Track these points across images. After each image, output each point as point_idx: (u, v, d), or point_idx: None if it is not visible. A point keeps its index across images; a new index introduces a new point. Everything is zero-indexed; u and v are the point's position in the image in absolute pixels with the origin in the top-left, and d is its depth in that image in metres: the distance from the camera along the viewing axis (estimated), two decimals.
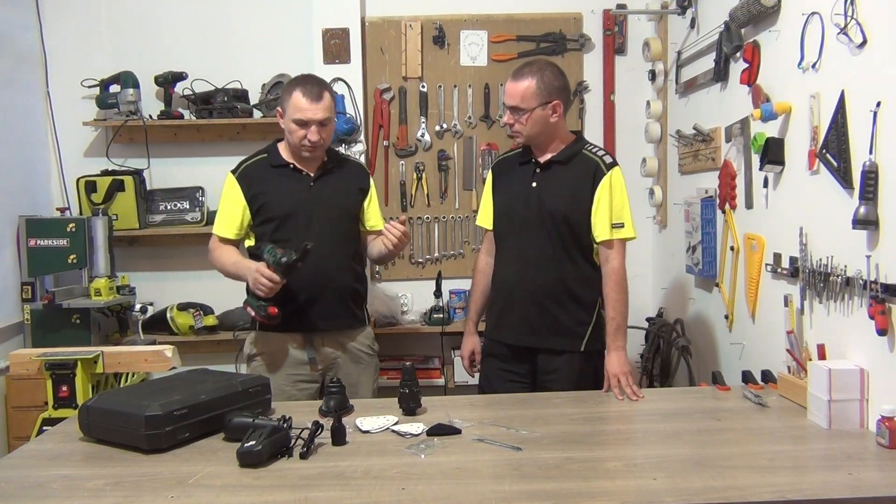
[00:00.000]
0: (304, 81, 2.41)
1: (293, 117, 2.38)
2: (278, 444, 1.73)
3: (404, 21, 3.72)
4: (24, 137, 3.60)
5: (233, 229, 2.48)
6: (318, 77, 2.53)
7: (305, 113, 2.36)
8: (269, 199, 2.45)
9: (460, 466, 1.68)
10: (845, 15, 1.91)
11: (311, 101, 2.36)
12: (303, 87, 2.38)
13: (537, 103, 2.35)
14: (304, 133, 2.38)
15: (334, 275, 2.45)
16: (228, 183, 2.51)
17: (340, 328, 2.50)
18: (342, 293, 2.47)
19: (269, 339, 2.48)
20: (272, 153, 2.53)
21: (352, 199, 2.54)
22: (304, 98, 2.36)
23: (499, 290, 2.54)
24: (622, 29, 3.76)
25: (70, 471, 1.72)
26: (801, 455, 1.75)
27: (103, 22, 3.74)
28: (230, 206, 2.49)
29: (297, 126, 2.38)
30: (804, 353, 2.12)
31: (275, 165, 2.49)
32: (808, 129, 2.12)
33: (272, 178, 2.47)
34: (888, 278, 1.77)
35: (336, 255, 2.46)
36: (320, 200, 2.47)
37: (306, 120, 2.37)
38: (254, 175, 2.49)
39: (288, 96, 2.40)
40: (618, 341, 2.36)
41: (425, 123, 3.77)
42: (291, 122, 2.39)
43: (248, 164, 2.53)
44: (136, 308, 3.44)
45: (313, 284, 2.40)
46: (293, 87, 2.40)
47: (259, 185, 2.47)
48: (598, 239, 2.40)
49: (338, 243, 2.48)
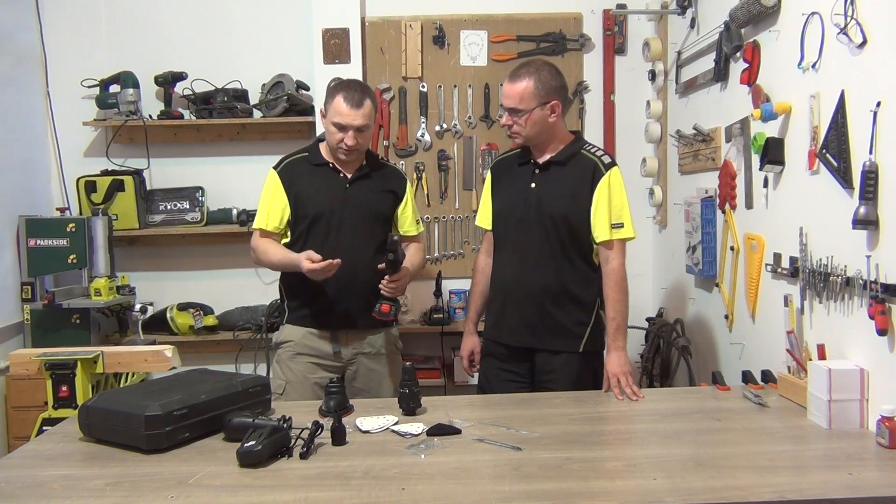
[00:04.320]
0: (348, 87, 2.47)
1: (333, 120, 2.45)
2: (278, 444, 1.73)
3: (404, 21, 3.72)
4: (24, 137, 3.60)
5: (274, 222, 2.54)
6: (363, 84, 2.59)
7: (345, 118, 2.42)
8: (306, 196, 2.53)
9: (460, 466, 1.68)
10: (845, 15, 1.91)
11: (351, 107, 2.42)
12: (346, 92, 2.44)
13: (536, 104, 2.34)
14: (342, 137, 2.45)
15: (362, 275, 2.49)
16: (270, 178, 2.57)
17: (366, 326, 2.56)
18: (369, 293, 2.49)
19: (297, 329, 2.56)
20: (313, 152, 2.60)
21: (385, 202, 2.61)
22: (345, 103, 2.42)
23: (498, 290, 2.54)
24: (622, 29, 3.76)
25: (70, 471, 1.72)
26: (801, 455, 1.75)
27: (103, 22, 3.74)
28: (272, 200, 2.55)
29: (335, 129, 2.45)
30: (804, 353, 2.12)
31: (315, 164, 2.57)
32: (808, 129, 2.12)
33: (311, 176, 2.55)
34: (888, 278, 1.77)
35: (365, 256, 2.51)
36: (354, 201, 2.53)
37: (345, 125, 2.43)
38: (294, 171, 2.57)
39: (331, 99, 2.47)
40: (618, 341, 2.36)
41: (425, 123, 3.77)
42: (331, 125, 2.46)
43: (290, 161, 2.60)
44: (136, 308, 3.44)
45: (342, 283, 2.45)
46: (337, 90, 2.46)
47: (298, 181, 2.55)
48: (597, 239, 2.40)
49: (368, 245, 2.53)
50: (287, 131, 3.73)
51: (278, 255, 2.52)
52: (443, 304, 3.66)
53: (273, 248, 2.54)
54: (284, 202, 2.54)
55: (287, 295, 2.62)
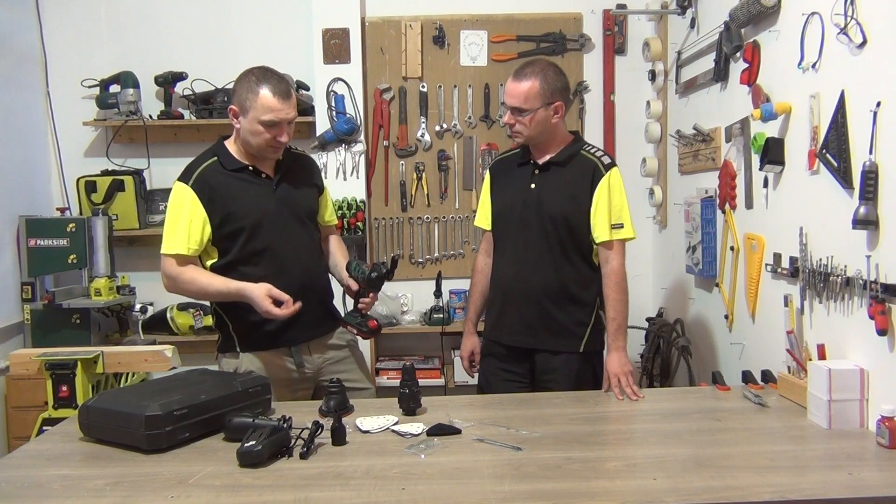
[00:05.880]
0: (269, 78, 2.19)
1: (262, 118, 2.16)
2: (278, 444, 1.73)
3: (404, 21, 3.72)
4: (24, 137, 3.60)
5: (194, 244, 2.20)
6: (276, 71, 2.26)
7: (278, 113, 2.16)
8: (235, 209, 2.23)
9: (460, 466, 1.68)
10: (845, 15, 1.91)
11: (282, 100, 2.16)
12: (270, 84, 2.17)
13: (540, 104, 2.34)
14: (274, 135, 2.18)
15: (315, 282, 2.35)
16: (181, 194, 2.22)
17: (324, 333, 2.39)
18: (323, 298, 2.39)
19: (257, 357, 2.31)
20: (223, 155, 2.28)
21: (312, 197, 2.40)
22: (275, 97, 2.15)
23: (497, 290, 2.54)
24: (622, 29, 3.76)
25: (70, 471, 1.72)
26: (801, 455, 1.75)
27: (103, 22, 3.74)
28: (191, 219, 2.20)
29: (265, 127, 2.17)
30: (804, 353, 2.12)
31: (231, 169, 2.26)
32: (808, 129, 2.12)
33: (232, 184, 2.24)
34: (888, 278, 1.77)
35: (312, 260, 2.36)
36: (286, 204, 2.30)
37: (278, 120, 2.17)
38: (211, 182, 2.23)
39: (252, 95, 2.16)
40: (618, 341, 2.36)
41: (425, 123, 3.77)
42: (258, 124, 2.17)
43: (201, 171, 2.24)
44: (136, 308, 3.44)
45: (299, 296, 2.19)
46: (258, 84, 2.16)
47: (219, 192, 2.22)
48: (597, 240, 2.40)
49: (311, 247, 2.37)
50: None
51: (216, 286, 2.20)
52: (443, 304, 3.66)
53: (205, 278, 2.22)
54: (204, 220, 2.20)
55: (229, 319, 2.31)
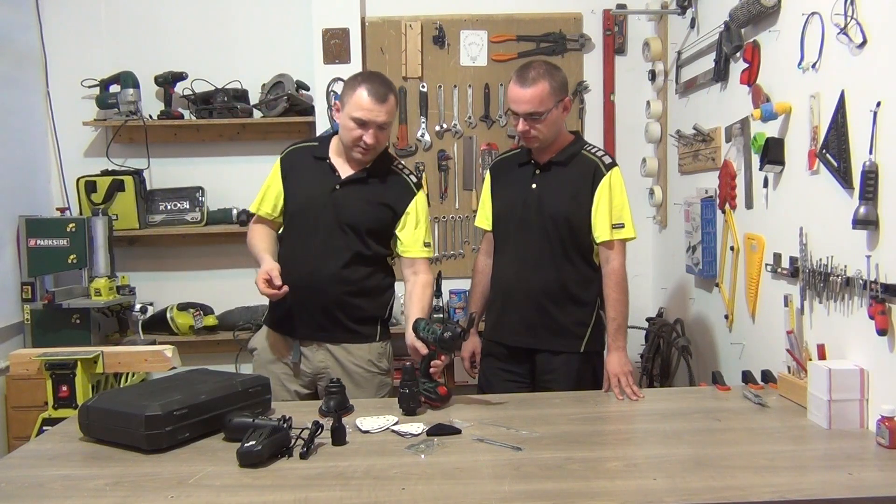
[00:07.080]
0: (371, 79, 2.27)
1: (353, 114, 2.23)
2: (278, 444, 1.73)
3: (404, 21, 3.72)
4: (24, 137, 3.60)
5: (266, 208, 2.41)
6: (386, 77, 2.34)
7: (367, 113, 2.22)
8: (293, 191, 2.39)
9: (460, 466, 1.68)
10: (845, 15, 1.91)
11: (375, 102, 2.21)
12: (369, 84, 2.23)
13: (553, 104, 2.34)
14: (361, 134, 2.24)
15: (325, 286, 2.30)
16: (275, 163, 2.45)
17: (329, 340, 2.36)
18: (332, 305, 2.32)
19: (268, 335, 2.43)
20: (322, 144, 2.43)
21: (374, 214, 2.34)
22: (369, 97, 2.21)
23: (498, 290, 2.53)
24: (622, 29, 3.76)
25: (70, 471, 1.72)
26: (801, 455, 1.75)
27: (103, 22, 3.74)
28: (269, 185, 2.42)
29: (354, 124, 2.24)
30: (804, 353, 2.12)
31: (316, 157, 2.40)
32: (808, 129, 2.12)
33: (307, 169, 2.39)
34: (888, 278, 1.77)
35: (334, 265, 2.31)
36: (336, 206, 2.32)
37: (367, 120, 2.22)
38: (294, 161, 2.42)
39: (351, 91, 2.25)
40: (618, 341, 2.36)
41: (425, 123, 3.77)
42: (349, 119, 2.24)
43: (295, 149, 2.46)
44: (136, 308, 3.44)
45: (302, 292, 2.26)
46: (359, 82, 2.25)
47: (294, 172, 2.40)
48: (598, 240, 2.39)
49: (340, 254, 2.32)
50: (287, 131, 3.72)
51: (255, 249, 2.36)
52: (443, 304, 3.66)
53: (257, 237, 2.39)
54: (278, 191, 2.40)
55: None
